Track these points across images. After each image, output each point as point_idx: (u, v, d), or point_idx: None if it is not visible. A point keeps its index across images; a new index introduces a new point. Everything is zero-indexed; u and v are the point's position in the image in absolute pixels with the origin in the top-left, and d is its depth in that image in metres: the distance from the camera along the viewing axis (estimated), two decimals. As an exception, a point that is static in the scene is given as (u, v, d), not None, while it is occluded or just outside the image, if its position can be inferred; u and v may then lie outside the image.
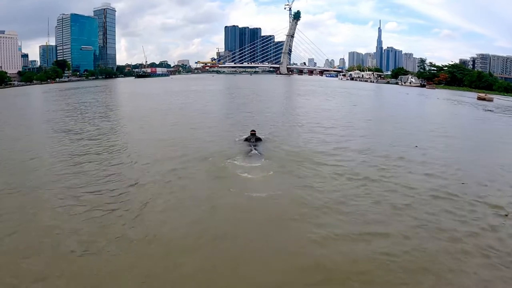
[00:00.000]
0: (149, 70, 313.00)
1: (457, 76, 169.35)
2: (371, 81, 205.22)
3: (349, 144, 30.02)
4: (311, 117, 46.51)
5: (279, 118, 45.74)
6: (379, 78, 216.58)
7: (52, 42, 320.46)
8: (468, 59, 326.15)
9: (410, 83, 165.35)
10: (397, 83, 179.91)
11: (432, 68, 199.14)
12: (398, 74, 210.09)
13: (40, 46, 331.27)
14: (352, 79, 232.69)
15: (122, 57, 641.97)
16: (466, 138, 37.25)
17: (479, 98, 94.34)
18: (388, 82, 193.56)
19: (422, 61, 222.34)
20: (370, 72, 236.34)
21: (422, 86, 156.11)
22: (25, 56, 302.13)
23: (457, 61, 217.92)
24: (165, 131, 36.37)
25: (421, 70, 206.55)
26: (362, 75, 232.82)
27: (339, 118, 47.02)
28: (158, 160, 24.45)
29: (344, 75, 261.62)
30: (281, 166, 22.28)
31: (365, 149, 28.06)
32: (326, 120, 44.07)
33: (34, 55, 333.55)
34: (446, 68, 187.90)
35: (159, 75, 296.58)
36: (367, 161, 24.44)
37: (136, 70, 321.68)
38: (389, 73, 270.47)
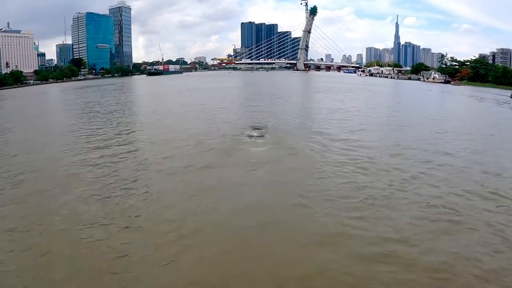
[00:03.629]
0: (161, 67, 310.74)
1: (480, 72, 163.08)
2: (391, 77, 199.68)
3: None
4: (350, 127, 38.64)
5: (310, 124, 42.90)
6: (399, 74, 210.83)
7: (69, 41, 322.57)
8: (488, 54, 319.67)
9: (433, 79, 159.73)
10: (419, 79, 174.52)
11: (454, 63, 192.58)
12: (418, 69, 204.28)
13: (57, 45, 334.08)
14: (371, 75, 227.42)
15: (140, 55, 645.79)
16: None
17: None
18: (409, 78, 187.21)
19: (443, 56, 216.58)
20: (390, 68, 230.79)
21: (447, 82, 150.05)
22: (42, 55, 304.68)
23: (477, 56, 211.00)
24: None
25: (442, 66, 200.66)
26: (382, 70, 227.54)
27: (378, 122, 44.02)
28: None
29: (363, 71, 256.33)
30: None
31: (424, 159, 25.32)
32: (368, 128, 40.63)
33: (51, 54, 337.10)
34: (468, 63, 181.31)
35: (171, 72, 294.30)
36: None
37: (148, 68, 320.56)
38: (407, 68, 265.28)
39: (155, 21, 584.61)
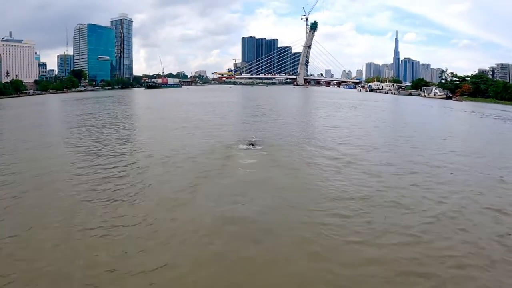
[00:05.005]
0: (160, 80, 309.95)
1: (481, 87, 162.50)
2: (392, 93, 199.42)
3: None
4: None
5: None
6: (400, 89, 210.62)
7: (70, 51, 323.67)
8: (487, 69, 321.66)
9: (434, 94, 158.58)
10: (419, 95, 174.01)
11: (454, 78, 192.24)
12: (418, 85, 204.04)
13: (58, 56, 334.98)
14: (371, 90, 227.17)
15: (141, 68, 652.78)
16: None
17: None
18: (410, 94, 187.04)
19: (443, 71, 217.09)
20: (390, 84, 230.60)
21: (448, 98, 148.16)
22: (43, 65, 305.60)
23: (476, 71, 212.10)
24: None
25: (442, 81, 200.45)
26: (382, 86, 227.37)
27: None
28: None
29: (363, 87, 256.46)
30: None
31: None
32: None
33: (53, 64, 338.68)
34: (469, 78, 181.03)
35: (170, 86, 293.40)
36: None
37: (147, 80, 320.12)
38: (407, 84, 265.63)
39: (157, 34, 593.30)
